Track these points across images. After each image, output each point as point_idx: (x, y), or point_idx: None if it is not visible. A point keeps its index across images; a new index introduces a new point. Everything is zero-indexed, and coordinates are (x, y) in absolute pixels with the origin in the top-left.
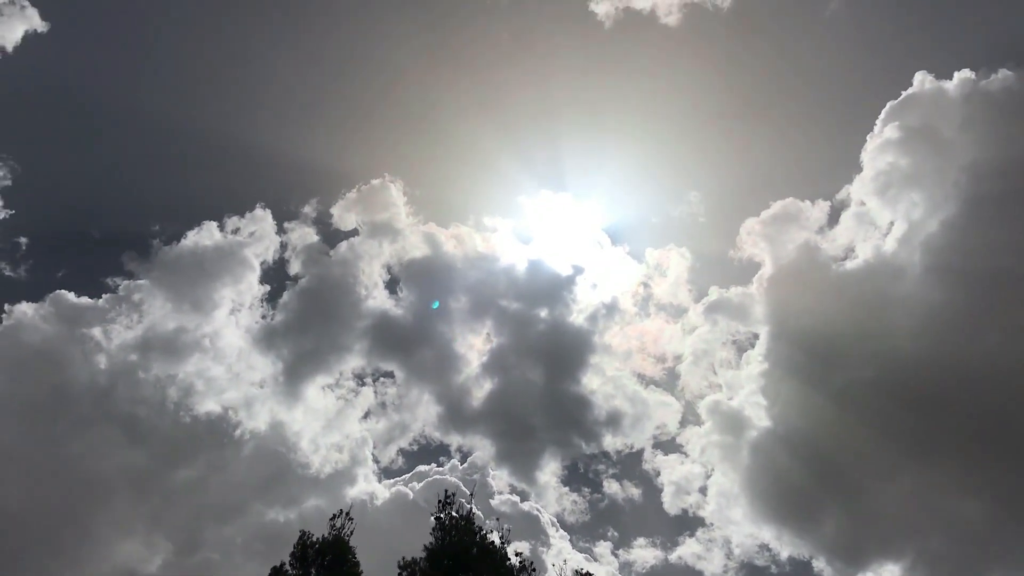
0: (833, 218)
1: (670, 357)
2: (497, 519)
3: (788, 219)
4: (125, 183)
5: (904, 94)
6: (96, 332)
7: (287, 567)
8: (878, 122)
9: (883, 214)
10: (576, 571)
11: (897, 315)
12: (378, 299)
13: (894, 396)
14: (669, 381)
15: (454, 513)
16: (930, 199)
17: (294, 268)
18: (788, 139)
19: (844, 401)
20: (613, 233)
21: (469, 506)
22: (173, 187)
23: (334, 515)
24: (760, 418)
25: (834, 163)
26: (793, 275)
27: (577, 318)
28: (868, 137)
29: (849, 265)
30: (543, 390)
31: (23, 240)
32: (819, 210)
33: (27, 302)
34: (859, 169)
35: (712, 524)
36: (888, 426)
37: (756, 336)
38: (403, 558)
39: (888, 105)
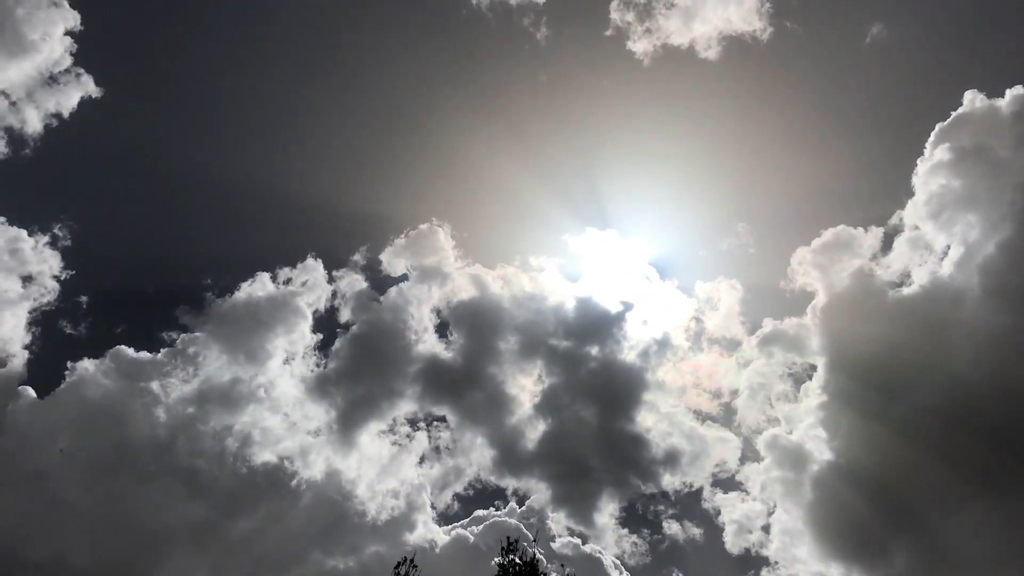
0: (887, 244)
1: (726, 392)
2: (562, 565)
3: (840, 247)
4: (177, 239)
5: (954, 114)
6: (155, 386)
7: None
8: (928, 144)
9: (938, 238)
10: None
11: (958, 340)
12: (428, 343)
13: (959, 424)
14: (726, 416)
15: (517, 560)
16: (986, 220)
17: (344, 316)
18: (837, 166)
19: (907, 431)
20: (661, 268)
21: (533, 551)
22: (224, 241)
23: (399, 563)
24: (821, 451)
25: (885, 188)
26: (848, 303)
27: (629, 355)
28: (919, 160)
29: (906, 291)
30: (597, 430)
31: (83, 299)
32: (872, 236)
33: (88, 359)
34: (911, 193)
35: (777, 563)
36: (954, 455)
37: (813, 367)
38: None
39: (938, 127)
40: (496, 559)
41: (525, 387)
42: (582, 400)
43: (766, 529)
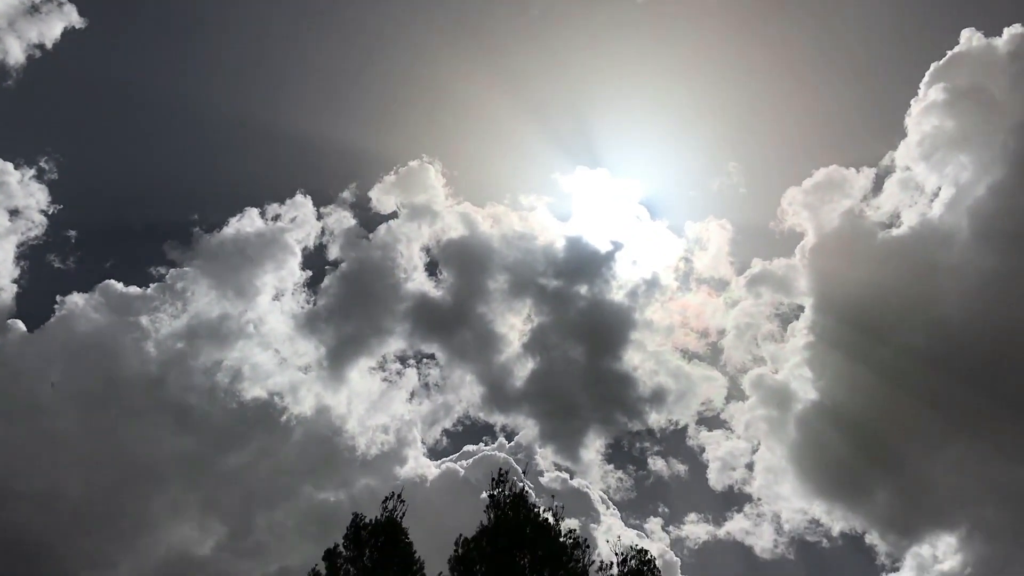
0: (878, 185)
1: (713, 331)
2: (552, 496)
3: (831, 187)
4: (164, 172)
5: (950, 53)
6: (144, 321)
7: (341, 549)
8: (922, 84)
9: (929, 179)
10: (630, 547)
11: (945, 282)
12: (418, 281)
13: (943, 365)
14: (713, 356)
15: (507, 491)
16: (978, 162)
17: (333, 253)
18: (829, 105)
19: (891, 372)
20: (652, 207)
21: (522, 484)
22: (212, 175)
23: (386, 497)
24: (806, 391)
25: (878, 128)
26: (837, 244)
27: (617, 294)
28: (912, 101)
29: (895, 232)
30: (585, 368)
31: (72, 233)
32: (863, 177)
33: (77, 293)
34: (904, 134)
35: (760, 500)
36: (938, 395)
37: (800, 308)
38: (460, 535)
39: (933, 66)
40: (486, 492)
41: (514, 326)
42: (570, 339)
43: (750, 467)
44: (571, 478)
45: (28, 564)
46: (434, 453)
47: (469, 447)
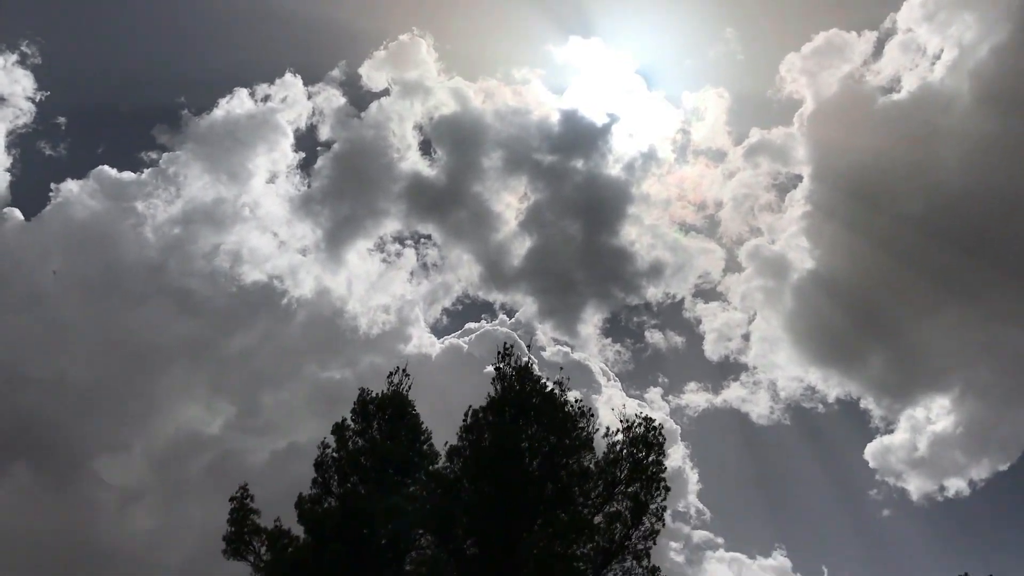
0: (878, 49)
1: (711, 203)
2: (560, 368)
3: (831, 52)
4: (148, 54)
5: None
6: (140, 206)
7: (349, 423)
8: None
9: (932, 41)
10: (636, 414)
11: (945, 148)
12: (411, 160)
13: (940, 231)
14: (710, 228)
15: (512, 364)
16: (982, 20)
17: (325, 133)
18: None
19: (889, 239)
20: (648, 78)
21: (527, 357)
22: (197, 56)
23: (391, 372)
24: (803, 261)
25: None
26: (836, 111)
27: (614, 168)
28: None
29: (895, 97)
30: (582, 244)
31: (61, 120)
32: (864, 41)
33: (72, 180)
34: None
35: (756, 368)
36: (933, 262)
37: (799, 178)
38: (469, 407)
39: None
40: (491, 366)
41: (510, 204)
42: (567, 215)
43: (746, 337)
44: (572, 351)
45: (44, 448)
46: (435, 331)
47: (471, 324)
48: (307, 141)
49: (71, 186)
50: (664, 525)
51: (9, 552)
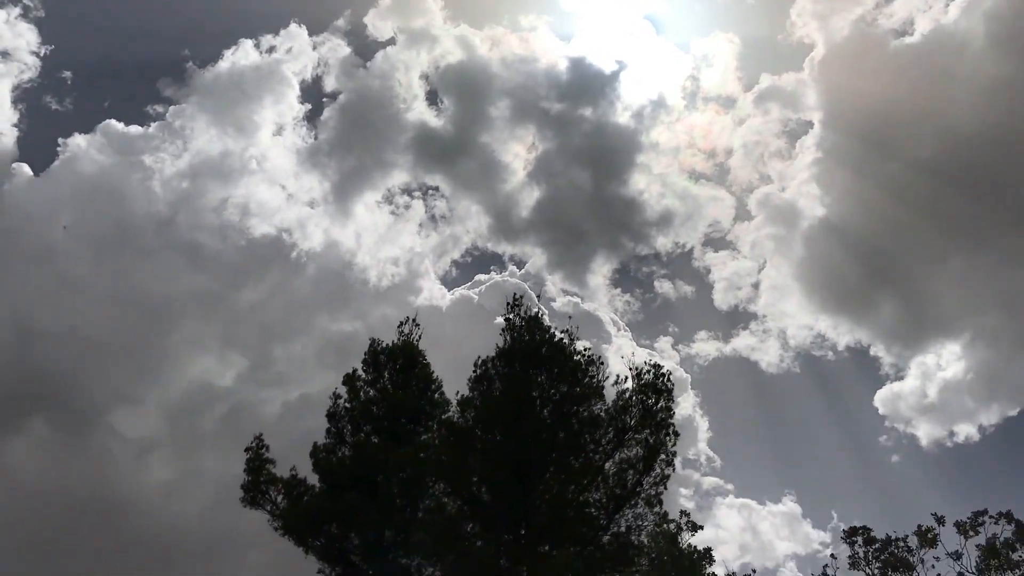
0: None
1: (720, 151)
2: (569, 317)
3: None
4: (151, 6)
5: None
6: (148, 160)
7: (360, 373)
8: None
9: None
10: (645, 361)
11: (957, 92)
12: (418, 111)
13: (950, 178)
14: (720, 176)
15: (521, 314)
16: None
17: (330, 84)
18: None
19: (900, 185)
20: (656, 23)
21: (536, 308)
22: (201, 6)
23: (401, 322)
24: (813, 208)
25: None
26: (847, 55)
27: (623, 117)
28: None
29: (907, 41)
30: (591, 194)
31: (67, 74)
32: None
33: (79, 134)
34: None
35: (765, 317)
36: (944, 208)
37: (809, 124)
38: (479, 357)
39: None
40: (501, 317)
41: (518, 154)
42: (575, 165)
43: (755, 286)
44: (582, 302)
45: (59, 402)
46: (445, 283)
47: (480, 276)
48: (313, 92)
49: (78, 141)
50: (674, 470)
51: (29, 504)
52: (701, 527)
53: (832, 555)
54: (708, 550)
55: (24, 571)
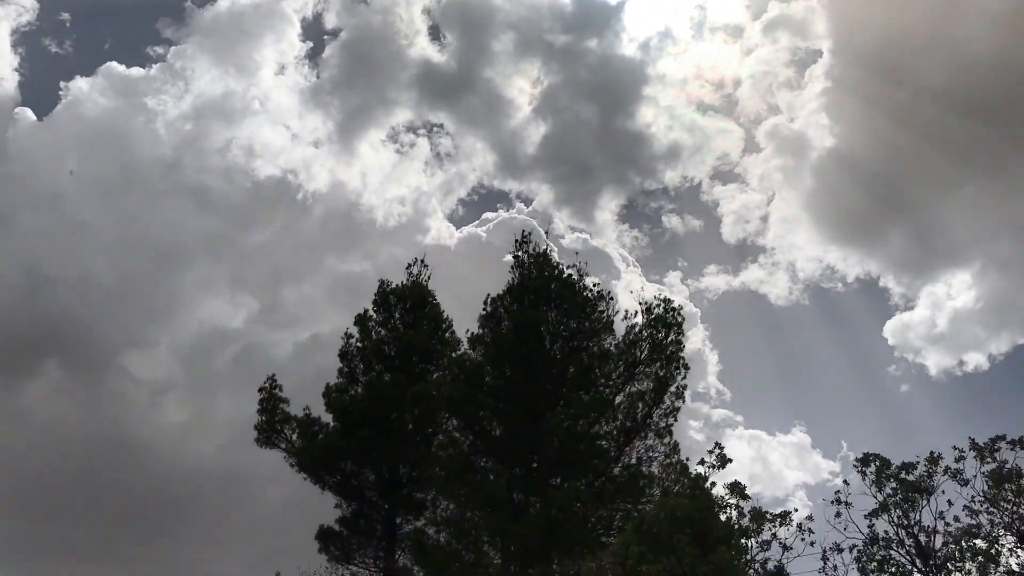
0: None
1: (729, 82)
2: (576, 253)
3: None
4: None
5: None
6: (151, 103)
7: (371, 313)
8: None
9: None
10: (655, 296)
11: (972, 16)
12: (420, 46)
13: (961, 104)
14: (728, 107)
15: (530, 251)
16: None
17: (331, 22)
18: None
19: (910, 114)
20: None
21: (545, 244)
22: None
23: (410, 263)
24: (823, 139)
25: None
26: None
27: (629, 48)
28: None
29: None
30: (598, 129)
31: (65, 16)
32: None
33: (81, 77)
34: None
35: (774, 250)
36: (955, 135)
37: (819, 52)
38: (488, 295)
39: None
40: (509, 254)
41: (523, 89)
42: (581, 99)
43: (764, 219)
44: (591, 238)
45: (72, 346)
46: (452, 222)
47: (488, 214)
48: (314, 30)
49: (80, 84)
50: (684, 403)
51: (47, 446)
52: (731, 460)
53: (845, 481)
54: (737, 483)
55: (43, 513)
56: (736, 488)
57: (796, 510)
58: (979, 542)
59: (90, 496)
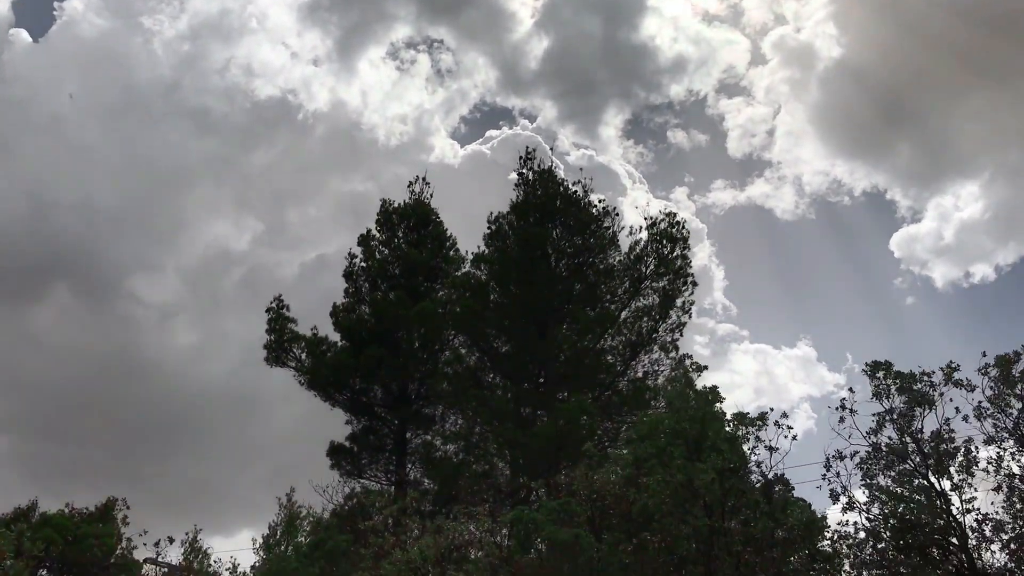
0: None
1: None
2: (582, 170)
3: None
4: None
5: None
6: (148, 22)
7: (375, 233)
8: None
9: None
10: (660, 210)
11: None
12: None
13: (971, 12)
14: (734, 18)
15: (535, 168)
16: None
17: None
18: None
19: (918, 22)
20: None
21: (549, 161)
22: None
23: (410, 182)
24: (830, 49)
25: None
26: None
27: None
28: None
29: None
30: (601, 42)
31: None
32: None
33: None
34: None
35: (780, 164)
36: (964, 44)
37: None
38: (492, 212)
39: None
40: (514, 171)
41: (524, 1)
42: (584, 10)
43: (770, 132)
44: (596, 155)
45: (80, 270)
46: (455, 140)
47: (492, 132)
48: None
49: (75, 3)
50: (691, 317)
51: (58, 369)
52: (706, 367)
53: (850, 389)
54: (715, 388)
55: (59, 434)
56: (713, 394)
57: (772, 409)
58: (988, 451)
59: (104, 418)
